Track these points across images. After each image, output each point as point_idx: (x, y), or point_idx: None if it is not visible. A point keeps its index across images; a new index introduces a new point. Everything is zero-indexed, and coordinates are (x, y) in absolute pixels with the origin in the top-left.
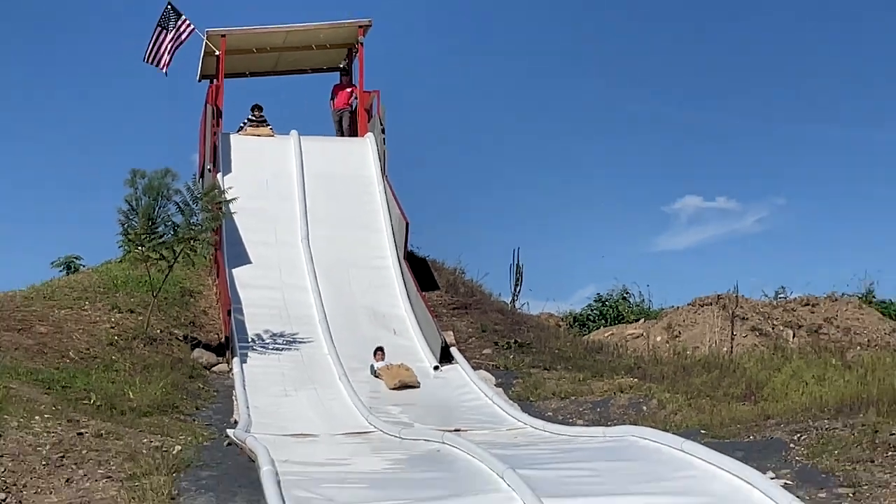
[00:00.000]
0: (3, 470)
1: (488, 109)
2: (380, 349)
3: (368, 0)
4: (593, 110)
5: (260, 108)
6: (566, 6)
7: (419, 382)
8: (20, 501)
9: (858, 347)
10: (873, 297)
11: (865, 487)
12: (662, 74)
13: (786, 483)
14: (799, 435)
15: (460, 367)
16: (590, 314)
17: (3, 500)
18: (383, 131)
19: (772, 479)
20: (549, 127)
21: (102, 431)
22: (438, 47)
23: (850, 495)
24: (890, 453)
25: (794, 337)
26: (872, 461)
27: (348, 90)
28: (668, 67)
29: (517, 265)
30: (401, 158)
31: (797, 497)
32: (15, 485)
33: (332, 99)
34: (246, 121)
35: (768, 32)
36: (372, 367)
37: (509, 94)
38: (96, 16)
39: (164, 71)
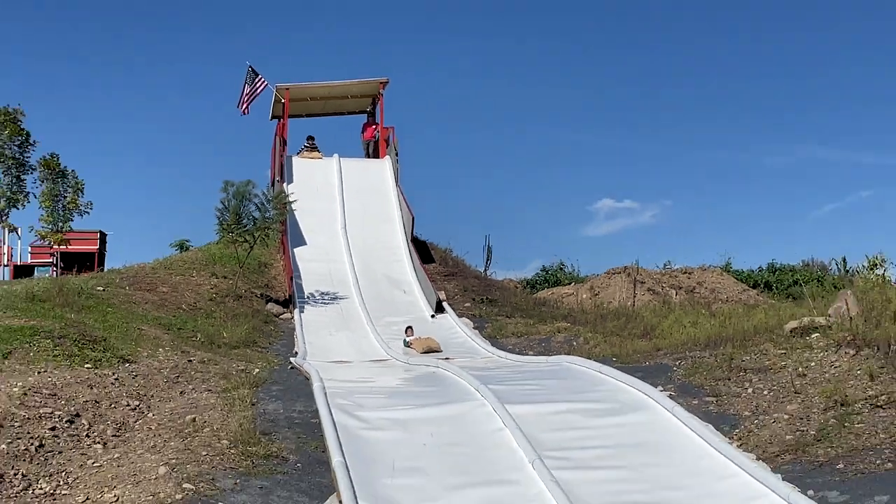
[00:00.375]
0: (137, 385)
1: (469, 139)
2: (409, 327)
3: (386, 58)
4: (546, 142)
5: (312, 139)
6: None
7: (441, 348)
8: (149, 406)
9: (720, 302)
10: (730, 267)
11: (724, 397)
12: (590, 111)
13: (670, 394)
14: (679, 361)
15: (449, 316)
16: (537, 279)
17: (138, 405)
18: (396, 154)
19: (661, 391)
20: (513, 155)
21: (205, 359)
22: (436, 94)
23: (714, 402)
24: (741, 374)
25: (675, 295)
26: (729, 379)
27: (372, 127)
28: (591, 105)
29: (488, 246)
30: (409, 171)
31: (678, 403)
32: (145, 395)
33: (362, 133)
34: (303, 147)
35: (662, 78)
36: (404, 340)
37: (484, 131)
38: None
39: (244, 114)
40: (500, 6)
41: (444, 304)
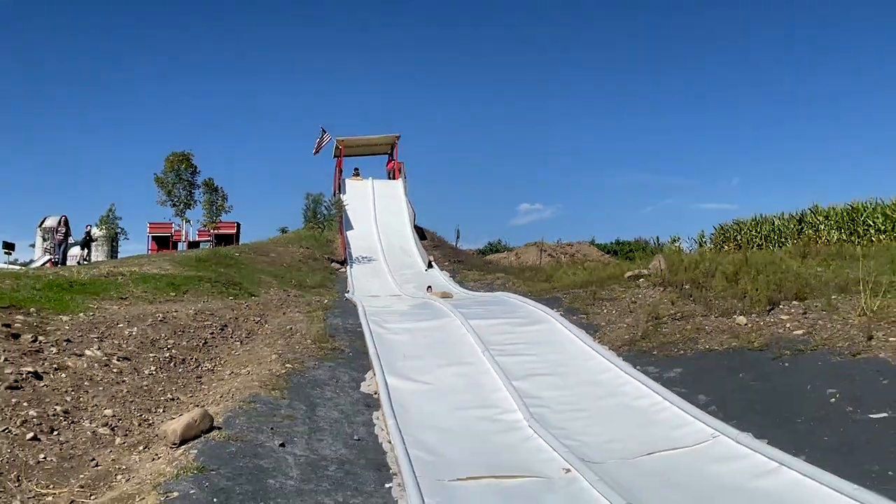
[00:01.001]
0: (258, 308)
1: (450, 168)
2: (430, 287)
3: (397, 118)
4: (487, 169)
5: (357, 169)
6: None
7: (453, 294)
8: (265, 321)
9: (589, 262)
10: (595, 241)
11: (590, 315)
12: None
13: (561, 313)
14: (566, 295)
15: (435, 270)
16: (486, 249)
17: (259, 320)
18: (405, 177)
19: (556, 311)
20: (473, 177)
21: (296, 294)
22: (436, 135)
23: (585, 318)
24: (600, 302)
25: (564, 258)
26: (593, 304)
27: (391, 161)
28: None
29: (457, 230)
30: (412, 185)
31: (565, 318)
32: (263, 314)
33: (387, 165)
34: (352, 174)
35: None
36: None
37: (458, 163)
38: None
39: (315, 154)
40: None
41: (433, 263)
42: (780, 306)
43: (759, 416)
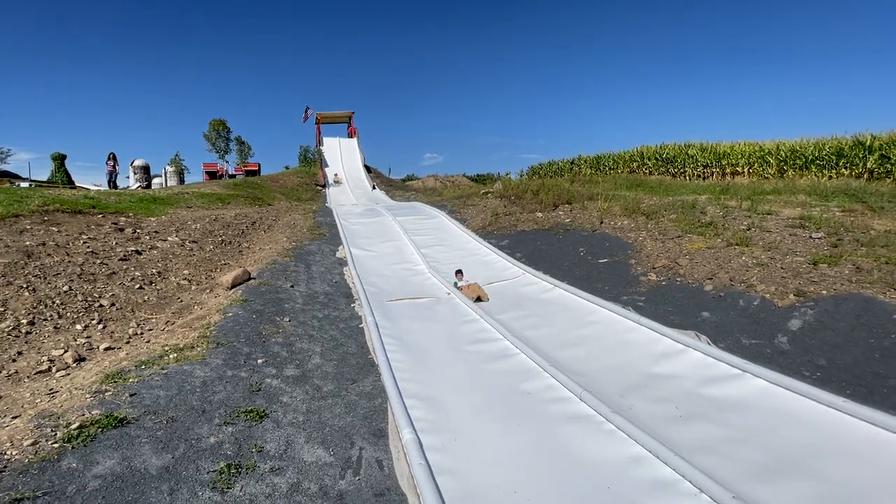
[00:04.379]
0: (274, 213)
1: (387, 127)
2: (459, 271)
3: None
4: (409, 128)
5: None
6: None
7: (488, 297)
8: (278, 219)
9: (462, 186)
10: (466, 174)
11: (462, 212)
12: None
13: (447, 212)
14: (448, 203)
15: (378, 190)
16: (406, 179)
17: (275, 219)
18: (358, 136)
19: (443, 211)
20: (400, 132)
21: (296, 204)
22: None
23: (459, 214)
24: (466, 206)
25: (450, 184)
26: (464, 207)
27: (350, 127)
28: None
29: (389, 168)
30: (364, 141)
31: (448, 215)
32: (277, 216)
33: (347, 129)
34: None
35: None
36: (455, 283)
37: (393, 124)
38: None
39: (304, 122)
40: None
41: (376, 186)
42: (559, 207)
43: (546, 263)
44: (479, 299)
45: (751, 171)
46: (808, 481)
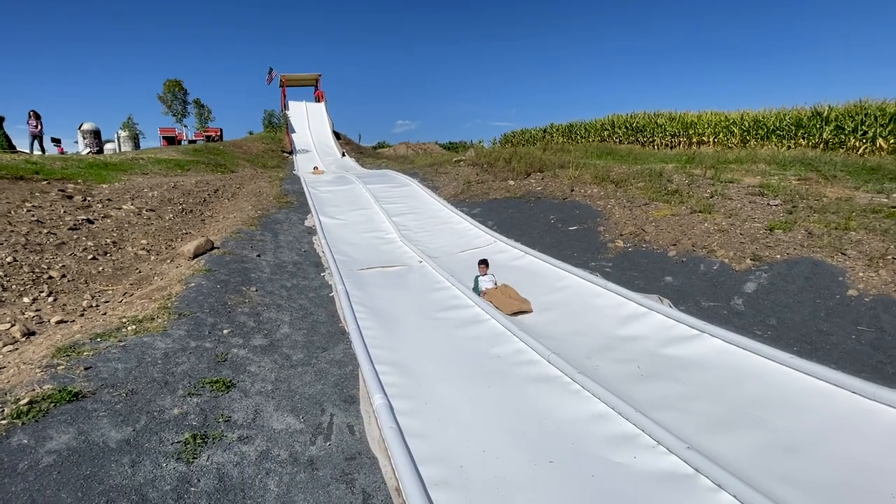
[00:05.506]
0: (238, 180)
1: (359, 93)
2: (484, 261)
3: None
4: (382, 98)
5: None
6: None
7: (323, 171)
8: (242, 187)
9: (435, 154)
10: (438, 142)
11: (434, 180)
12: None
13: (418, 180)
14: (420, 171)
15: (347, 157)
16: (376, 146)
17: (239, 187)
18: (326, 101)
19: (415, 179)
20: (372, 99)
21: (262, 171)
22: (351, 69)
23: (431, 183)
24: (439, 174)
25: (422, 152)
26: (436, 176)
27: (317, 91)
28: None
29: (359, 134)
30: (333, 106)
31: (420, 183)
32: (241, 183)
33: (314, 93)
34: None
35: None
36: (475, 285)
37: (366, 91)
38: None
39: (268, 84)
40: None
41: (345, 153)
42: (531, 176)
43: (517, 231)
44: (520, 313)
45: (716, 140)
46: (756, 431)
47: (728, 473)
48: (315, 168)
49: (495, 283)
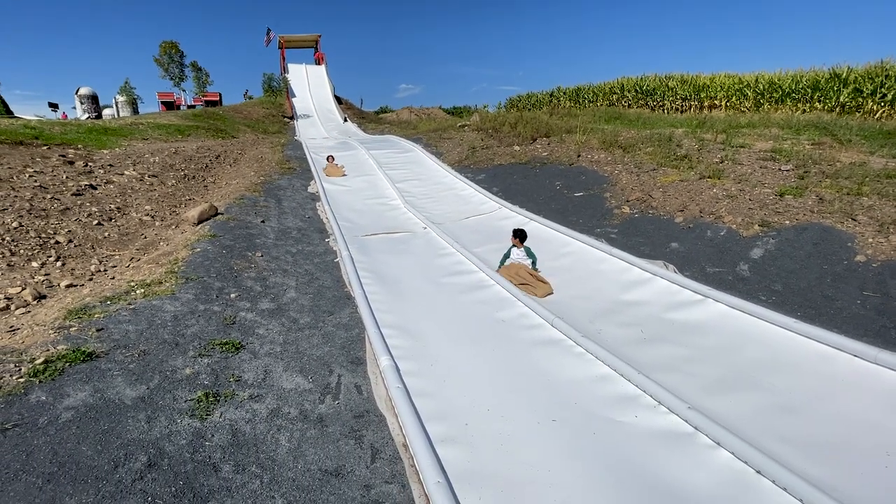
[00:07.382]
0: (240, 145)
1: (360, 56)
2: (519, 232)
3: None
4: (386, 63)
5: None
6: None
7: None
8: (244, 153)
9: (439, 120)
10: (442, 107)
11: (438, 146)
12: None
13: (422, 146)
14: (424, 136)
15: (349, 122)
16: (379, 111)
17: (241, 152)
18: (326, 63)
19: (419, 145)
20: (375, 63)
21: (263, 137)
22: (350, 31)
23: (435, 148)
24: (443, 139)
25: (425, 118)
26: (440, 141)
27: (317, 53)
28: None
29: (361, 99)
30: (335, 70)
31: (424, 149)
32: (243, 149)
33: (314, 55)
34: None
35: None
36: (502, 261)
37: (367, 54)
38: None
39: (266, 46)
40: None
41: (347, 119)
42: (537, 141)
43: (522, 197)
44: (547, 294)
45: (728, 104)
46: (756, 392)
47: (727, 431)
48: (330, 159)
49: (520, 258)
